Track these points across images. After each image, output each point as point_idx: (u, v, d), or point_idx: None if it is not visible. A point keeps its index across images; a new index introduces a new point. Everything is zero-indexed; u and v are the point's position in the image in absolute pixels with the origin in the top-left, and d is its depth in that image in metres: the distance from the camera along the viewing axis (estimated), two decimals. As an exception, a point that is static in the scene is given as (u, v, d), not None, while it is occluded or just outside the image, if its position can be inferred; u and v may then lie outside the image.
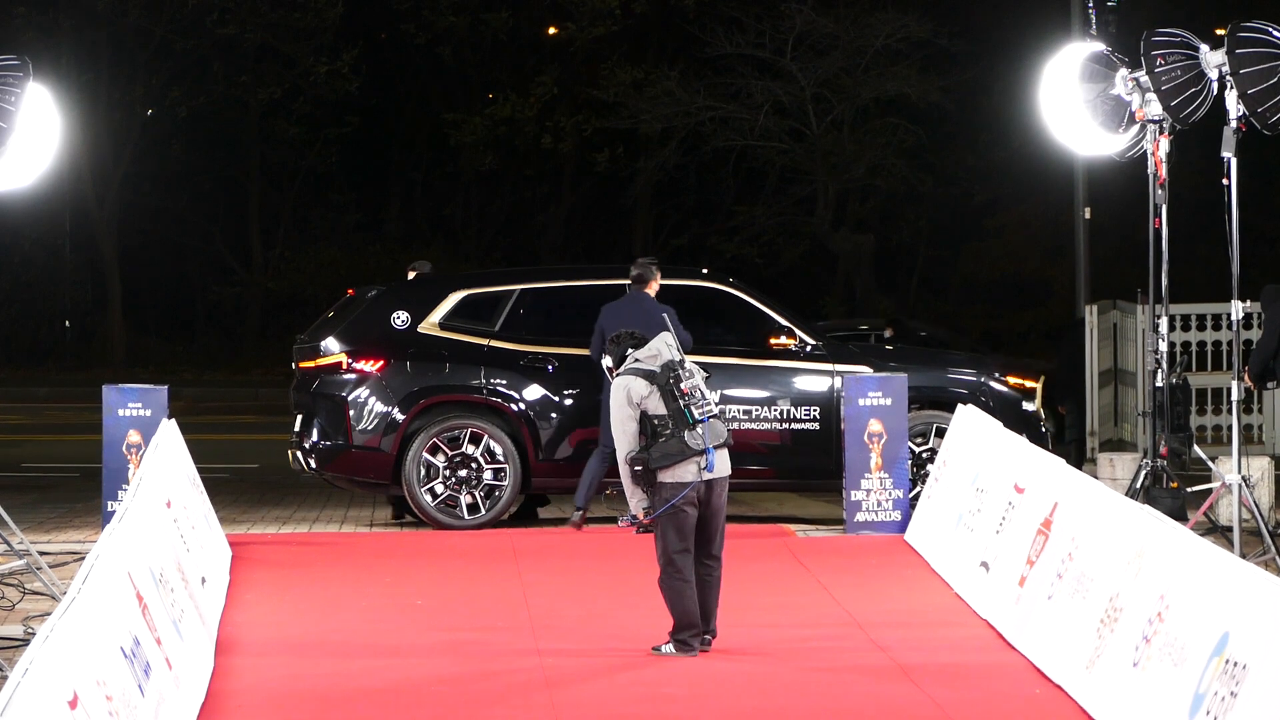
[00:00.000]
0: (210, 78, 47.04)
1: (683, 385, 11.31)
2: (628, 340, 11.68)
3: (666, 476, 11.30)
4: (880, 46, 39.20)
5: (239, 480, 22.41)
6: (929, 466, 16.41)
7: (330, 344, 17.41)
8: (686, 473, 11.30)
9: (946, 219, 47.16)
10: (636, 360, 11.47)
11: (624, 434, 11.36)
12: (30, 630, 12.00)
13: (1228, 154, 13.92)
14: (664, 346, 11.50)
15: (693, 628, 11.31)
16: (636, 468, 11.30)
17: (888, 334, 26.32)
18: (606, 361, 11.76)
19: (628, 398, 11.34)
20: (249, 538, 16.48)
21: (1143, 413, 19.71)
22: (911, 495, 16.41)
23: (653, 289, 16.74)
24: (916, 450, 17.14)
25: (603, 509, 18.63)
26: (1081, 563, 10.75)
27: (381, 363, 17.27)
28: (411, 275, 18.68)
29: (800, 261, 46.04)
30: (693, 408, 11.28)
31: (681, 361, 11.44)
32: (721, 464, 11.44)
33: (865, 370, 17.19)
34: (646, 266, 16.80)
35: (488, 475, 17.05)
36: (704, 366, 17.04)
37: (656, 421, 11.30)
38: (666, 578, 11.36)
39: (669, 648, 11.31)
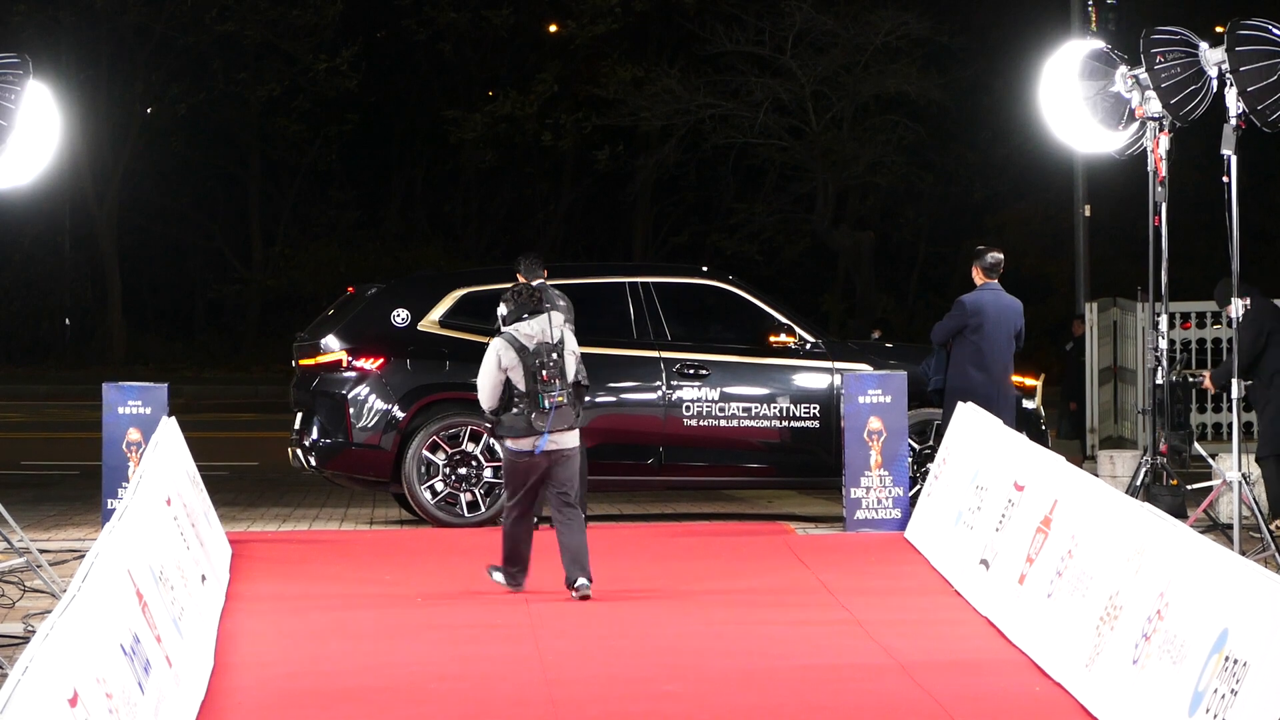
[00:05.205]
0: (210, 75, 47.00)
1: (544, 373, 12.62)
2: (527, 304, 12.76)
3: (509, 443, 12.94)
4: (880, 44, 39.20)
5: (239, 478, 22.42)
6: (929, 464, 16.41)
7: (330, 341, 17.40)
8: (525, 444, 12.81)
9: (946, 216, 47.18)
10: (518, 331, 12.64)
11: (486, 392, 12.90)
12: (30, 628, 12.00)
13: (1227, 151, 13.92)
14: (549, 327, 12.67)
15: (518, 564, 13.13)
16: (487, 425, 13.06)
17: (875, 336, 26.27)
18: (501, 310, 12.85)
19: (497, 362, 12.81)
20: (249, 535, 16.49)
21: (1143, 410, 19.71)
22: (911, 493, 16.40)
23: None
24: (916, 448, 17.13)
25: (603, 507, 18.64)
26: (1081, 560, 10.74)
27: (381, 360, 17.26)
28: None
29: (800, 259, 46.06)
30: (545, 396, 12.62)
31: (558, 346, 12.64)
32: (565, 440, 12.84)
33: (865, 368, 17.17)
34: (1000, 260, 16.81)
35: (487, 473, 17.04)
36: (704, 364, 17.32)
37: (514, 393, 12.74)
38: (507, 522, 13.13)
39: (498, 575, 13.18)
